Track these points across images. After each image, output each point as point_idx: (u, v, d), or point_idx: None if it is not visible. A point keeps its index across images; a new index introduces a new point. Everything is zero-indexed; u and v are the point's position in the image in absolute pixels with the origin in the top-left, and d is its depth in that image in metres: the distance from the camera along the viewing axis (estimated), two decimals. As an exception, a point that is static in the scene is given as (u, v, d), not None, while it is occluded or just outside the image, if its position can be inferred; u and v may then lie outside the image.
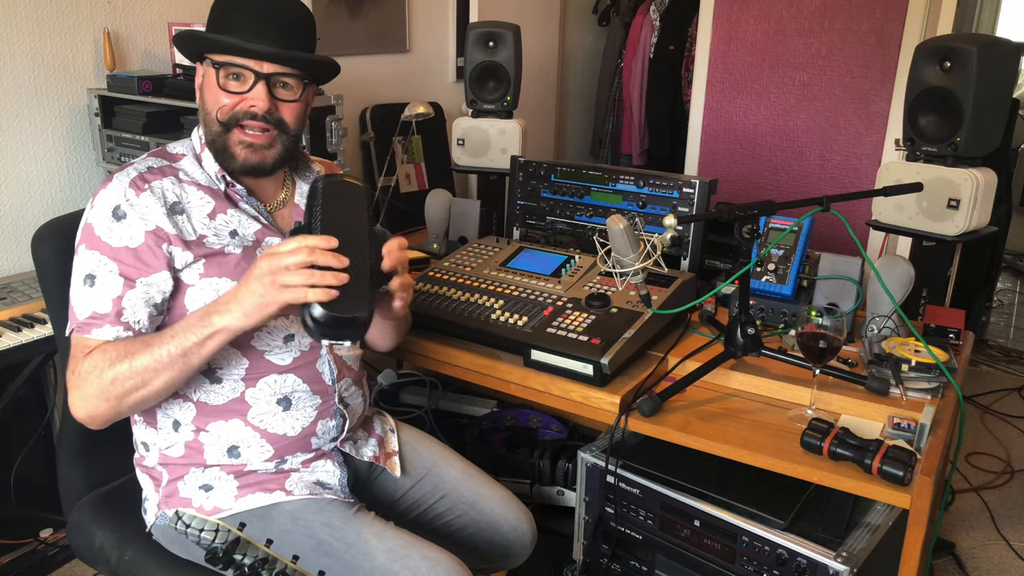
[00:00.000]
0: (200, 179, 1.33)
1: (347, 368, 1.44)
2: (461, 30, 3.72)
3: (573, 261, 1.85)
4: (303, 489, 1.34)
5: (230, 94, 1.27)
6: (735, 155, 3.58)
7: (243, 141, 1.29)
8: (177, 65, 2.44)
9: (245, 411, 1.32)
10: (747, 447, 1.39)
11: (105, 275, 1.23)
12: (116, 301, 1.22)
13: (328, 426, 1.40)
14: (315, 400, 1.37)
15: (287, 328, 1.33)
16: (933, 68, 1.94)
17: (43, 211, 2.34)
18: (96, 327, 1.22)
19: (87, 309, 1.23)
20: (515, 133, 2.61)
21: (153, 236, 1.24)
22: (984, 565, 2.31)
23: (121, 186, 1.25)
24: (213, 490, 1.31)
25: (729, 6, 3.45)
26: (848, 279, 1.76)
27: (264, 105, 1.27)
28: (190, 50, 1.34)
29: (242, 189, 1.34)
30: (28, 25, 2.24)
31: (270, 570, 1.07)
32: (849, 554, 1.35)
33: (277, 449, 1.34)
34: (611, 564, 1.68)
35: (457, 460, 1.57)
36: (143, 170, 1.28)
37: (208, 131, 1.31)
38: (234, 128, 1.28)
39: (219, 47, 1.27)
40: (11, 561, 2.19)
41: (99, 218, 1.24)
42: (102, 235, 1.23)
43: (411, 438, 1.59)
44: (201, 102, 1.32)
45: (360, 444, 1.47)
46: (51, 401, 2.27)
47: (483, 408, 2.28)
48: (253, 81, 1.26)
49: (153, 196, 1.25)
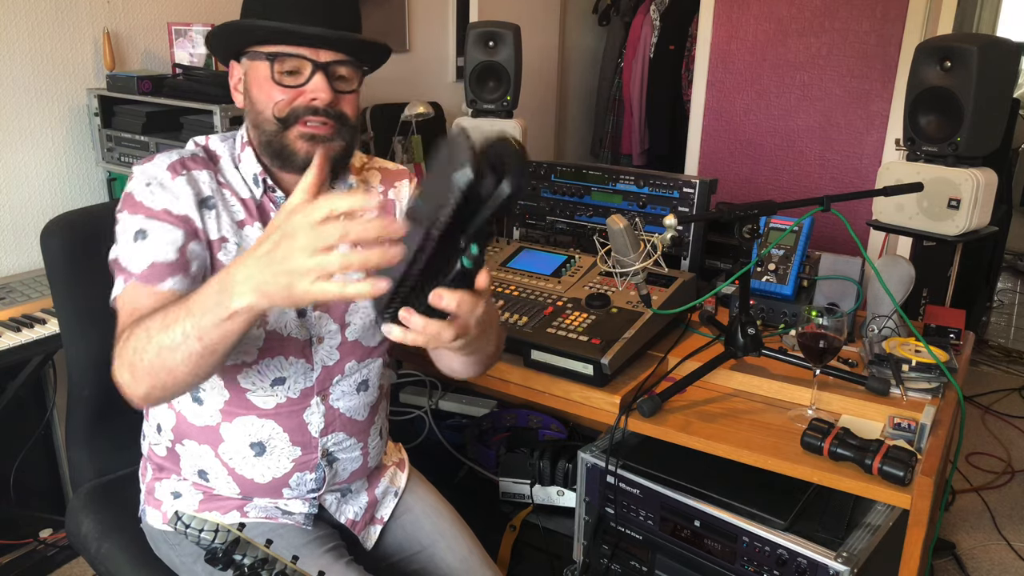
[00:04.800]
0: (236, 185, 1.21)
1: (343, 420, 1.29)
2: (461, 30, 3.72)
3: (573, 261, 1.85)
4: (260, 512, 1.27)
5: (285, 88, 1.14)
6: (735, 155, 3.58)
7: (304, 134, 1.15)
8: (177, 65, 2.44)
9: (217, 443, 1.23)
10: (747, 447, 1.39)
11: (157, 228, 1.11)
12: (182, 250, 1.11)
13: (304, 479, 1.27)
14: (294, 452, 1.24)
15: (280, 371, 1.22)
16: (933, 68, 1.94)
17: (43, 211, 2.34)
18: (168, 276, 1.09)
19: (145, 261, 1.09)
20: (515, 133, 2.62)
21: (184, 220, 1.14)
22: (984, 565, 2.31)
23: (162, 166, 1.16)
24: (180, 498, 1.28)
25: (729, 6, 3.45)
26: (848, 279, 1.76)
27: (327, 96, 1.14)
28: (230, 46, 1.20)
29: (281, 196, 1.22)
30: (28, 25, 2.24)
31: (270, 570, 1.07)
32: (849, 554, 1.35)
33: (243, 490, 1.26)
34: (611, 564, 1.68)
35: (460, 544, 1.36)
36: (186, 155, 1.19)
37: (261, 132, 1.18)
38: (294, 124, 1.15)
39: (269, 34, 1.13)
40: (11, 561, 2.19)
41: (139, 187, 1.14)
42: (144, 200, 1.13)
43: (420, 505, 1.41)
44: (249, 102, 1.19)
45: (347, 499, 1.34)
46: (51, 401, 2.27)
47: (483, 408, 2.28)
48: (311, 72, 1.13)
49: (188, 185, 1.15)
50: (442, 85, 3.81)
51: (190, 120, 2.22)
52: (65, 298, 1.41)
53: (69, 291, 1.40)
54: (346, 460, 1.31)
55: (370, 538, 1.36)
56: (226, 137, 1.27)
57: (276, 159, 1.19)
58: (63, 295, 1.41)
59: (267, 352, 1.20)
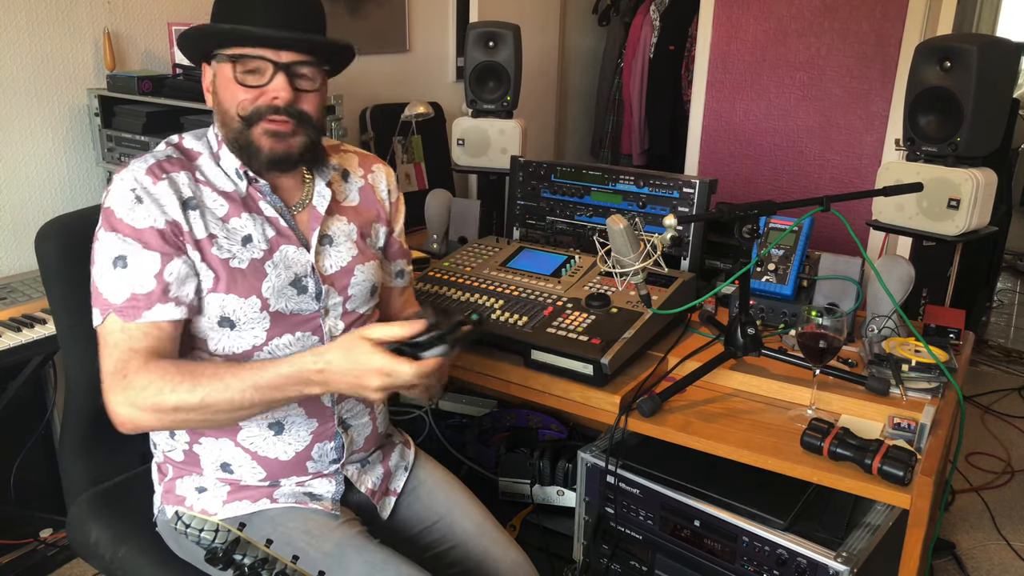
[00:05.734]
0: (217, 180, 1.25)
1: None
2: (461, 30, 3.72)
3: (573, 261, 1.85)
4: (289, 498, 1.30)
5: (248, 88, 1.20)
6: (735, 155, 3.58)
7: (268, 130, 1.21)
8: (177, 65, 2.44)
9: (235, 433, 1.27)
10: (747, 447, 1.39)
11: (136, 253, 1.15)
12: (159, 276, 1.15)
13: (325, 448, 1.32)
14: (311, 424, 1.30)
15: (290, 348, 1.27)
16: (933, 68, 1.94)
17: (43, 211, 2.34)
18: (145, 309, 1.14)
19: (124, 291, 1.14)
20: (515, 133, 2.62)
21: (170, 227, 1.17)
22: (984, 565, 2.31)
23: (139, 172, 1.18)
24: (206, 492, 1.30)
25: (729, 6, 3.45)
26: (848, 279, 1.76)
27: (287, 96, 1.19)
28: (196, 49, 1.26)
29: (265, 185, 1.26)
30: (28, 25, 2.24)
31: (270, 570, 1.07)
32: (849, 554, 1.35)
33: (269, 472, 1.29)
34: (611, 564, 1.68)
35: (473, 509, 1.43)
36: (162, 158, 1.22)
37: (228, 130, 1.23)
38: (257, 122, 1.21)
39: (231, 37, 1.19)
40: (11, 561, 2.19)
41: (118, 201, 1.17)
42: (124, 216, 1.16)
43: (431, 478, 1.47)
44: (216, 103, 1.24)
45: (367, 470, 1.39)
46: (51, 401, 2.27)
47: (483, 408, 2.28)
48: (272, 72, 1.19)
49: (170, 188, 1.18)
50: (442, 85, 3.81)
51: (190, 120, 2.22)
52: (61, 302, 1.39)
53: (64, 295, 1.38)
54: (359, 427, 1.37)
55: (386, 508, 1.42)
56: (200, 135, 1.30)
57: (243, 155, 1.24)
58: (59, 299, 1.39)
59: (275, 331, 1.25)
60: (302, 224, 1.31)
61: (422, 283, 1.82)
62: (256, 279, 1.22)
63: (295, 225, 1.29)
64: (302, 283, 1.27)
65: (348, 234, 1.35)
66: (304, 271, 1.27)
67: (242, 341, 1.24)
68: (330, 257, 1.32)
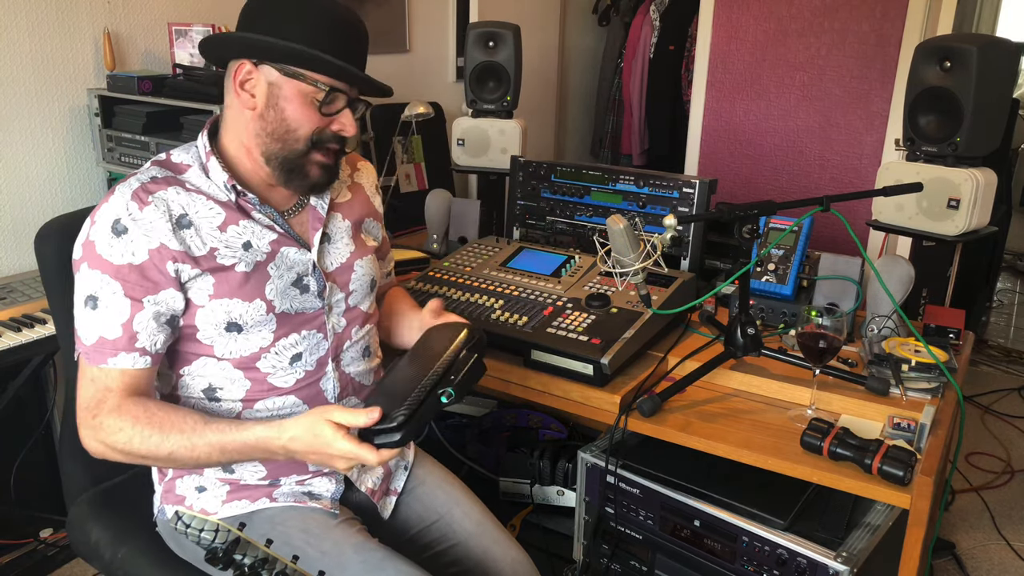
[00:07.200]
0: (207, 190, 1.24)
1: (355, 385, 1.37)
2: (461, 30, 3.72)
3: (573, 261, 1.85)
4: (288, 497, 1.30)
5: (324, 117, 1.23)
6: (735, 155, 3.58)
7: (320, 162, 1.25)
8: (177, 65, 2.44)
9: None
10: (747, 447, 1.39)
11: (108, 297, 1.16)
12: (126, 326, 1.16)
13: None
14: None
15: (296, 347, 1.28)
16: (933, 68, 1.95)
17: (43, 211, 2.34)
18: (110, 355, 1.17)
19: (93, 334, 1.17)
20: (515, 133, 2.62)
21: (157, 254, 1.16)
22: (984, 565, 2.31)
23: (123, 199, 1.17)
24: (205, 492, 1.30)
25: (729, 6, 3.45)
26: (848, 279, 1.76)
27: (355, 131, 1.25)
28: (268, 58, 1.21)
29: (254, 198, 1.26)
30: (28, 25, 2.24)
31: (270, 570, 1.07)
32: (849, 554, 1.35)
33: (269, 472, 1.30)
34: (611, 564, 1.68)
35: (473, 508, 1.44)
36: (146, 180, 1.20)
37: (283, 146, 1.23)
38: (318, 149, 1.24)
39: (314, 61, 1.19)
40: (11, 561, 2.19)
41: (100, 234, 1.16)
42: (103, 252, 1.16)
43: (431, 477, 1.47)
44: (276, 117, 1.22)
45: (367, 469, 1.39)
46: (51, 401, 2.27)
47: (483, 408, 2.28)
48: (344, 104, 1.24)
49: (158, 210, 1.17)
50: (442, 85, 3.81)
51: (190, 120, 2.22)
52: (60, 302, 1.38)
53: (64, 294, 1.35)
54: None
55: (387, 508, 1.42)
56: (188, 148, 1.30)
57: (285, 174, 1.25)
58: (58, 299, 1.39)
59: (281, 332, 1.26)
60: (298, 227, 1.32)
61: (422, 283, 1.82)
62: (259, 282, 1.23)
63: (290, 228, 1.30)
64: (303, 282, 1.28)
65: (345, 230, 1.37)
66: (305, 270, 1.28)
67: (249, 344, 1.24)
68: (330, 255, 1.34)
